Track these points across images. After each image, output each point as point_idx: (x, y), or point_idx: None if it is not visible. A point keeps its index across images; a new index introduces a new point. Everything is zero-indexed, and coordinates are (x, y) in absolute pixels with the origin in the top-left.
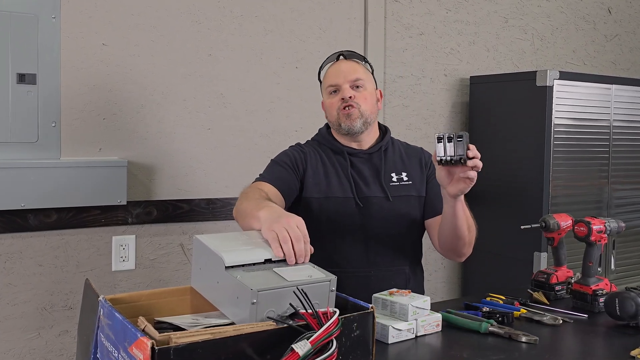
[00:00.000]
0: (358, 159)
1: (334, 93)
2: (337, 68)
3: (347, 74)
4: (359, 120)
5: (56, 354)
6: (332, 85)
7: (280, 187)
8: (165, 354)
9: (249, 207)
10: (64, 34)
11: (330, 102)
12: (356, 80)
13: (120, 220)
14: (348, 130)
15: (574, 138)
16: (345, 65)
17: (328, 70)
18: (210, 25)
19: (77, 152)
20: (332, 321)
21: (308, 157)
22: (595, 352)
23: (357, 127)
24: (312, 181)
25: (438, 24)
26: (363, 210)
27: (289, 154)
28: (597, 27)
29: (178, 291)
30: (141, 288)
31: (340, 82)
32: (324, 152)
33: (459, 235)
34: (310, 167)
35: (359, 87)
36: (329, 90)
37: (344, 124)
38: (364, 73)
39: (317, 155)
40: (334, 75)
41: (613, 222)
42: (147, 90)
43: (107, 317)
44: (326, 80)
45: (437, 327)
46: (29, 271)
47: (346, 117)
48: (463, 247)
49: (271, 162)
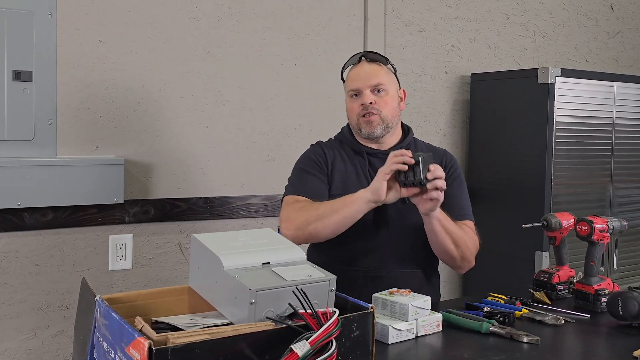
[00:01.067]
0: (377, 159)
1: (355, 97)
2: (358, 71)
3: (368, 78)
4: (380, 127)
5: (52, 354)
6: (353, 90)
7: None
8: (163, 354)
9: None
10: (60, 31)
11: (351, 106)
12: (377, 85)
13: (117, 219)
14: (368, 136)
15: (576, 136)
16: (366, 69)
17: (350, 73)
18: (208, 22)
19: (73, 150)
20: (332, 321)
21: (329, 156)
22: (598, 352)
23: (378, 133)
24: (334, 177)
25: (438, 21)
26: (378, 211)
27: (313, 157)
28: (599, 24)
29: (176, 291)
30: (138, 288)
31: (361, 86)
32: (345, 150)
33: (445, 250)
34: (332, 164)
35: (380, 91)
36: (350, 93)
37: (364, 130)
38: (386, 76)
39: (338, 153)
40: (355, 79)
41: (615, 221)
42: (145, 87)
43: (104, 317)
44: (348, 83)
45: (437, 327)
46: (25, 271)
47: (367, 123)
48: (454, 261)
49: (298, 170)
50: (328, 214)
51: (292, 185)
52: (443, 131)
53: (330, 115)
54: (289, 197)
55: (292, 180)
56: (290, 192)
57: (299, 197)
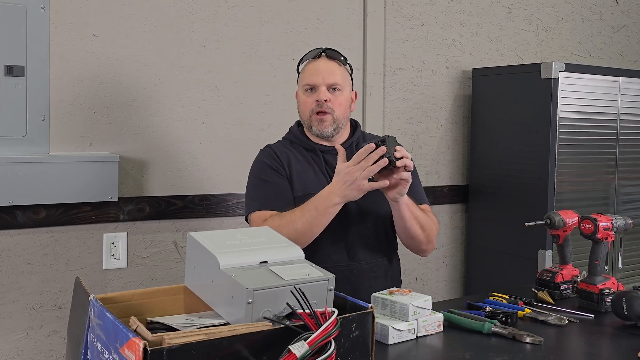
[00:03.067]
0: (330, 156)
1: (310, 91)
2: (317, 66)
3: (326, 76)
4: (331, 127)
5: (45, 355)
6: (309, 84)
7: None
8: (158, 355)
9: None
10: (53, 25)
11: (304, 99)
12: (334, 84)
13: (111, 217)
14: (319, 134)
15: (580, 132)
16: (325, 66)
17: (308, 66)
18: (205, 15)
19: (66, 147)
20: (331, 321)
21: (283, 158)
22: (602, 353)
23: (329, 132)
24: (294, 178)
25: (439, 15)
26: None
27: (267, 162)
28: (603, 18)
29: (171, 290)
30: (133, 287)
31: (318, 82)
32: (297, 150)
33: (412, 235)
34: (288, 167)
35: (335, 90)
36: (306, 87)
37: (315, 128)
38: (343, 76)
39: (291, 153)
40: (313, 74)
41: (620, 219)
42: (139, 82)
43: (97, 317)
44: (304, 76)
45: (438, 327)
46: (17, 270)
47: (319, 122)
48: (420, 245)
49: (255, 180)
50: (307, 229)
51: (255, 200)
52: (444, 127)
53: None
54: (255, 214)
55: (252, 193)
56: (255, 208)
57: (266, 213)
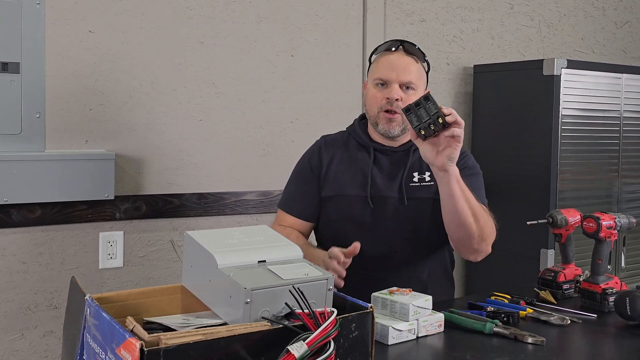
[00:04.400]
0: (385, 156)
1: (381, 86)
2: (392, 60)
3: (401, 73)
4: (399, 128)
5: (40, 355)
6: (382, 79)
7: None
8: (155, 355)
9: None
10: (48, 21)
11: (374, 94)
12: (408, 83)
13: (107, 215)
14: (384, 134)
15: (582, 130)
16: (402, 61)
17: (382, 59)
18: (202, 11)
19: (62, 145)
20: (330, 321)
21: (324, 155)
22: (605, 353)
23: (395, 133)
24: (328, 179)
25: (440, 10)
26: (375, 211)
27: (307, 163)
28: (606, 14)
29: (168, 290)
30: (129, 286)
31: (391, 78)
32: (350, 144)
33: (462, 222)
34: (327, 165)
35: (409, 89)
36: (377, 82)
37: (382, 126)
38: (419, 74)
39: (338, 150)
40: (387, 68)
41: (623, 218)
42: (136, 79)
43: (93, 317)
44: (377, 69)
45: (439, 327)
46: (12, 269)
47: (387, 121)
48: (472, 240)
49: (294, 175)
50: None
51: (286, 195)
52: None
53: (328, 108)
54: (279, 212)
55: (288, 187)
56: (280, 204)
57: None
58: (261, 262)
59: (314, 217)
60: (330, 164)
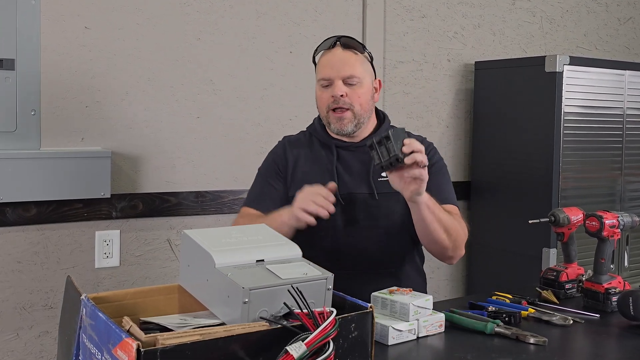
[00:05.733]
0: (347, 152)
1: (326, 87)
2: (330, 58)
3: (341, 68)
4: (351, 124)
5: (36, 355)
6: (324, 79)
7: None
8: (152, 356)
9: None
10: (44, 17)
11: (320, 95)
12: (350, 77)
13: (103, 214)
14: (338, 132)
15: (585, 127)
16: (340, 56)
17: (322, 59)
18: (199, 7)
19: (58, 142)
20: (329, 322)
21: (289, 155)
22: (608, 354)
23: (349, 130)
24: (294, 179)
25: (441, 6)
26: (346, 208)
27: (272, 162)
28: (609, 10)
29: (165, 289)
30: (126, 286)
31: (332, 75)
32: (313, 144)
33: (435, 240)
34: (292, 165)
35: (353, 83)
36: (321, 82)
37: (333, 126)
38: (361, 67)
39: (302, 150)
40: (327, 67)
41: (626, 216)
42: (132, 76)
43: (89, 317)
44: (319, 70)
45: (440, 327)
46: (7, 268)
47: (337, 120)
48: (446, 251)
49: (259, 176)
50: None
51: (250, 194)
52: (445, 122)
53: None
54: (243, 208)
55: (252, 187)
56: (246, 203)
57: (250, 211)
58: (259, 261)
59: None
60: (296, 163)
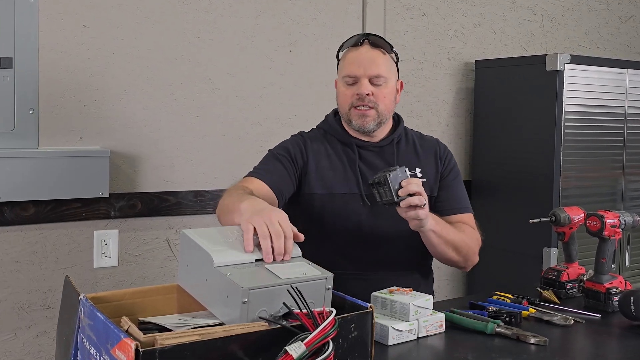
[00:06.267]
0: (368, 152)
1: (351, 84)
2: (358, 55)
3: (369, 67)
4: (373, 122)
5: (34, 356)
6: (350, 76)
7: (271, 183)
8: (150, 356)
9: (231, 201)
10: (42, 15)
11: (344, 92)
12: (377, 76)
13: (102, 213)
14: (359, 129)
15: (586, 126)
16: (368, 54)
17: (348, 55)
18: (198, 6)
19: (56, 141)
20: (329, 322)
21: (310, 149)
22: (609, 354)
23: (370, 128)
24: (315, 176)
25: (441, 5)
26: (370, 208)
27: (288, 145)
28: (610, 8)
29: (164, 289)
30: (124, 286)
31: (359, 73)
32: (330, 142)
33: (446, 258)
34: (313, 160)
35: (379, 82)
36: (346, 79)
37: (355, 122)
38: (388, 67)
39: (322, 146)
40: (354, 64)
41: (628, 216)
42: (131, 75)
43: (88, 317)
44: (345, 66)
45: (440, 327)
46: (5, 268)
47: (360, 116)
48: (458, 264)
49: (268, 153)
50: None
51: (258, 168)
52: (446, 121)
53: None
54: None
55: (260, 163)
56: (252, 173)
57: (251, 179)
58: (258, 260)
59: (282, 194)
60: (317, 158)
